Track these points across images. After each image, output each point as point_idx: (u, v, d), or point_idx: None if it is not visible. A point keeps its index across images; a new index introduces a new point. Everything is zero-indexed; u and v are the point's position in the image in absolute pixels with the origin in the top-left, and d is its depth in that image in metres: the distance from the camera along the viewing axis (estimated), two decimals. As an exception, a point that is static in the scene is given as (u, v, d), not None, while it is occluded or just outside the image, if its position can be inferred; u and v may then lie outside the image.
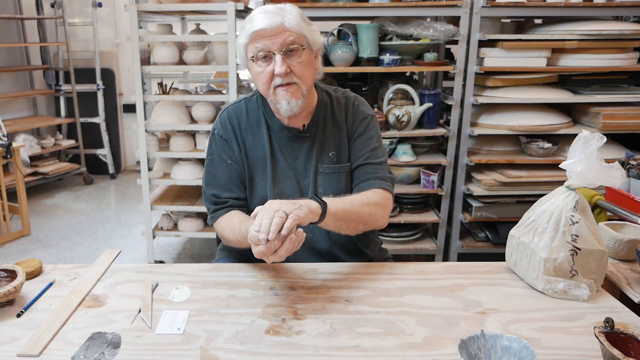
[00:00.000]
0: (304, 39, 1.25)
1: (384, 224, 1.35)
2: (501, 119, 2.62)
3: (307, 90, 1.29)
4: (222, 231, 1.34)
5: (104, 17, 4.73)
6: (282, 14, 1.23)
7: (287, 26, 1.22)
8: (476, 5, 2.45)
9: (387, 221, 1.35)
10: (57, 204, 4.12)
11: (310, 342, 1.00)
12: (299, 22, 1.24)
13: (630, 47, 2.52)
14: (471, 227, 2.94)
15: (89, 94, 4.63)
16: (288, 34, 1.22)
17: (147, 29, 3.19)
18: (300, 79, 1.26)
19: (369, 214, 1.27)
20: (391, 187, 1.36)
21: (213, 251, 2.17)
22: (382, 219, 1.32)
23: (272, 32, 1.21)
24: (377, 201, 1.30)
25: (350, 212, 1.23)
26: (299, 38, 1.24)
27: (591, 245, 1.15)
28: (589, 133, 1.13)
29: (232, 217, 1.33)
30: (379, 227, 1.35)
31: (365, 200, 1.28)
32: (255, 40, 1.23)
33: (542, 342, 0.99)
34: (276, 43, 1.22)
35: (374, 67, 2.59)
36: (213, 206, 1.38)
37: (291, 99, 1.26)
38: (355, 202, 1.26)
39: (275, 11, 1.23)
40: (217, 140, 1.40)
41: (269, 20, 1.21)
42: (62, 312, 1.10)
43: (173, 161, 3.01)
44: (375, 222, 1.31)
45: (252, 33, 1.23)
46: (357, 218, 1.25)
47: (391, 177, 1.38)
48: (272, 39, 1.22)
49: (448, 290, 1.19)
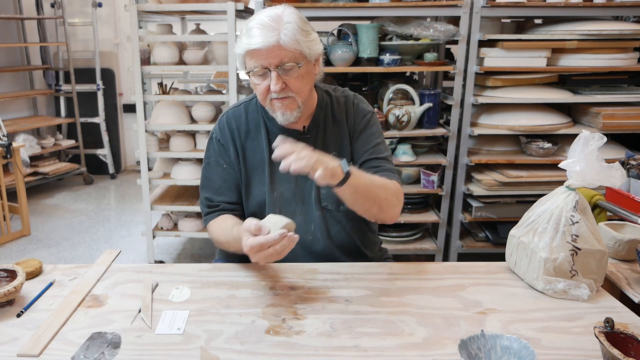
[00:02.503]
0: (301, 55, 1.23)
1: (395, 216, 1.31)
2: (501, 119, 2.62)
3: (303, 101, 1.29)
4: (213, 233, 1.36)
5: (104, 17, 4.73)
6: (278, 27, 1.20)
7: (282, 44, 1.19)
8: (476, 5, 2.45)
9: (398, 214, 1.32)
10: (57, 204, 4.12)
11: (310, 342, 1.00)
12: (296, 38, 1.21)
13: (630, 47, 2.52)
14: (471, 227, 2.94)
15: (89, 94, 4.63)
16: (284, 54, 1.20)
17: (147, 29, 3.19)
18: (296, 92, 1.26)
19: (385, 198, 1.26)
20: (400, 181, 1.36)
21: (213, 251, 2.17)
22: (395, 208, 1.30)
23: (267, 51, 1.20)
24: (393, 189, 1.29)
25: (369, 189, 1.22)
26: (295, 56, 1.22)
27: (591, 245, 1.15)
28: (589, 133, 1.13)
29: (225, 220, 1.35)
30: (390, 219, 1.31)
31: (385, 185, 1.27)
32: (251, 57, 1.23)
33: (542, 342, 0.99)
34: (272, 63, 1.21)
35: (374, 67, 2.59)
36: (206, 209, 1.41)
37: (286, 111, 1.27)
38: (377, 182, 1.25)
39: (272, 25, 1.20)
40: (215, 144, 1.41)
41: (264, 38, 1.19)
42: (62, 312, 1.10)
43: (173, 161, 3.01)
44: (389, 209, 1.29)
45: (248, 50, 1.22)
46: (374, 198, 1.24)
47: (398, 171, 1.38)
48: (268, 58, 1.21)
49: (448, 290, 1.19)
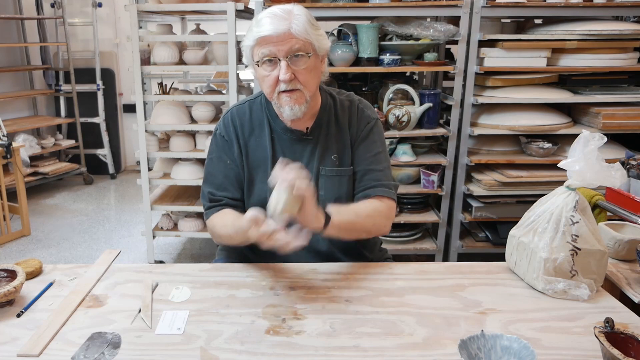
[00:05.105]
0: (310, 46, 1.24)
1: (386, 232, 1.37)
2: (501, 119, 2.62)
3: (310, 96, 1.29)
4: (214, 227, 1.36)
5: (104, 17, 4.73)
6: (289, 18, 1.21)
7: (293, 33, 1.20)
8: (476, 5, 2.44)
9: (389, 229, 1.37)
10: (57, 204, 4.12)
11: (310, 342, 1.00)
12: (306, 28, 1.22)
13: (630, 47, 2.52)
14: (471, 227, 2.94)
15: (89, 94, 4.63)
16: (294, 41, 1.21)
17: (147, 29, 3.19)
18: (304, 85, 1.26)
19: (372, 224, 1.31)
20: (395, 195, 1.38)
21: (213, 251, 2.17)
22: (384, 227, 1.35)
23: (278, 38, 1.20)
24: (382, 211, 1.33)
25: (354, 223, 1.26)
26: (305, 45, 1.23)
27: (591, 245, 1.15)
28: (589, 133, 1.13)
29: (226, 214, 1.35)
30: (382, 235, 1.38)
31: (370, 211, 1.30)
32: (261, 45, 1.22)
33: (542, 342, 0.99)
34: (282, 50, 1.21)
35: (374, 67, 2.59)
36: (208, 203, 1.41)
37: (294, 105, 1.27)
38: (361, 214, 1.28)
39: (282, 15, 1.21)
40: (219, 140, 1.41)
41: (275, 26, 1.20)
42: (62, 312, 1.10)
43: (173, 161, 3.01)
44: (378, 231, 1.36)
45: (259, 38, 1.22)
46: (361, 229, 1.29)
47: (395, 185, 1.39)
48: (278, 45, 1.21)
49: (448, 290, 1.19)
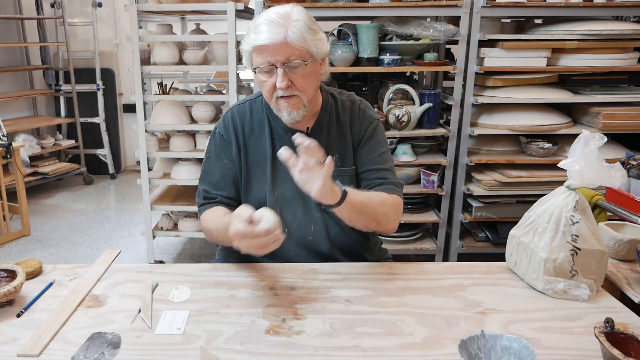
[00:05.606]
0: (307, 53, 1.23)
1: (393, 228, 1.35)
2: (501, 119, 2.62)
3: (308, 100, 1.29)
4: (205, 222, 1.37)
5: (104, 17, 4.73)
6: (286, 25, 1.20)
7: (290, 41, 1.20)
8: (476, 5, 2.44)
9: (396, 226, 1.36)
10: (57, 204, 4.12)
11: (310, 342, 1.00)
12: (304, 36, 1.21)
13: (630, 47, 2.52)
14: (471, 227, 2.94)
15: (89, 94, 4.63)
16: (291, 51, 1.20)
17: (147, 29, 3.19)
18: (302, 91, 1.26)
19: (382, 214, 1.29)
20: (402, 194, 1.38)
21: (213, 251, 2.17)
22: (393, 222, 1.34)
23: (274, 47, 1.20)
24: (392, 204, 1.32)
25: (367, 206, 1.25)
26: (302, 53, 1.22)
27: (591, 245, 1.15)
28: (589, 133, 1.13)
29: (217, 210, 1.35)
30: (388, 231, 1.35)
31: (382, 200, 1.29)
32: (258, 54, 1.23)
33: (542, 342, 0.99)
34: (279, 60, 1.21)
35: (374, 67, 2.58)
36: (202, 200, 1.41)
37: (292, 110, 1.27)
38: (373, 199, 1.27)
39: (279, 22, 1.20)
40: (217, 139, 1.42)
41: (271, 35, 1.19)
42: (62, 312, 1.10)
43: (173, 161, 3.01)
44: (387, 223, 1.33)
45: (256, 47, 1.22)
46: (372, 215, 1.27)
47: (401, 184, 1.39)
48: (275, 55, 1.21)
49: (448, 290, 1.19)
